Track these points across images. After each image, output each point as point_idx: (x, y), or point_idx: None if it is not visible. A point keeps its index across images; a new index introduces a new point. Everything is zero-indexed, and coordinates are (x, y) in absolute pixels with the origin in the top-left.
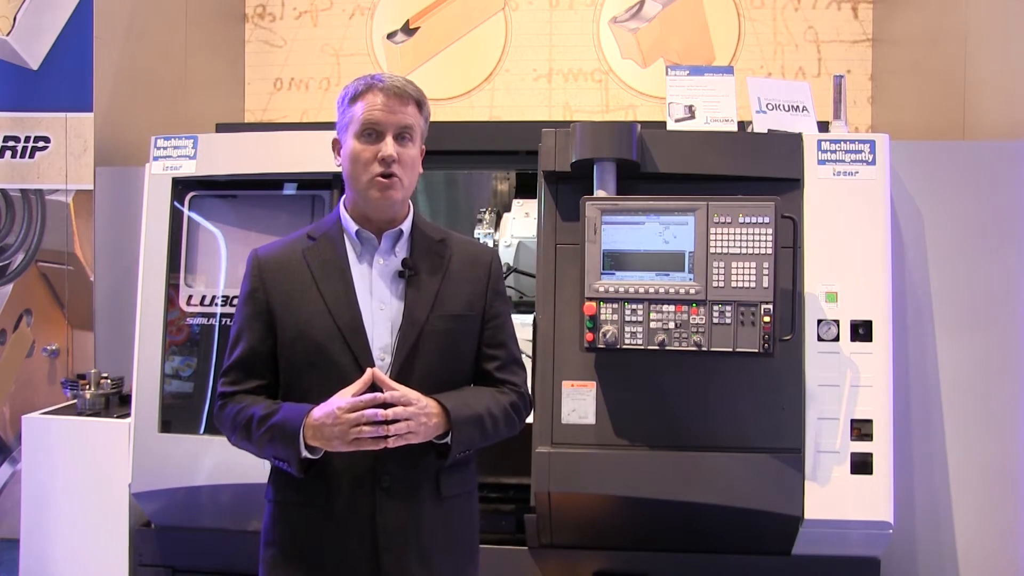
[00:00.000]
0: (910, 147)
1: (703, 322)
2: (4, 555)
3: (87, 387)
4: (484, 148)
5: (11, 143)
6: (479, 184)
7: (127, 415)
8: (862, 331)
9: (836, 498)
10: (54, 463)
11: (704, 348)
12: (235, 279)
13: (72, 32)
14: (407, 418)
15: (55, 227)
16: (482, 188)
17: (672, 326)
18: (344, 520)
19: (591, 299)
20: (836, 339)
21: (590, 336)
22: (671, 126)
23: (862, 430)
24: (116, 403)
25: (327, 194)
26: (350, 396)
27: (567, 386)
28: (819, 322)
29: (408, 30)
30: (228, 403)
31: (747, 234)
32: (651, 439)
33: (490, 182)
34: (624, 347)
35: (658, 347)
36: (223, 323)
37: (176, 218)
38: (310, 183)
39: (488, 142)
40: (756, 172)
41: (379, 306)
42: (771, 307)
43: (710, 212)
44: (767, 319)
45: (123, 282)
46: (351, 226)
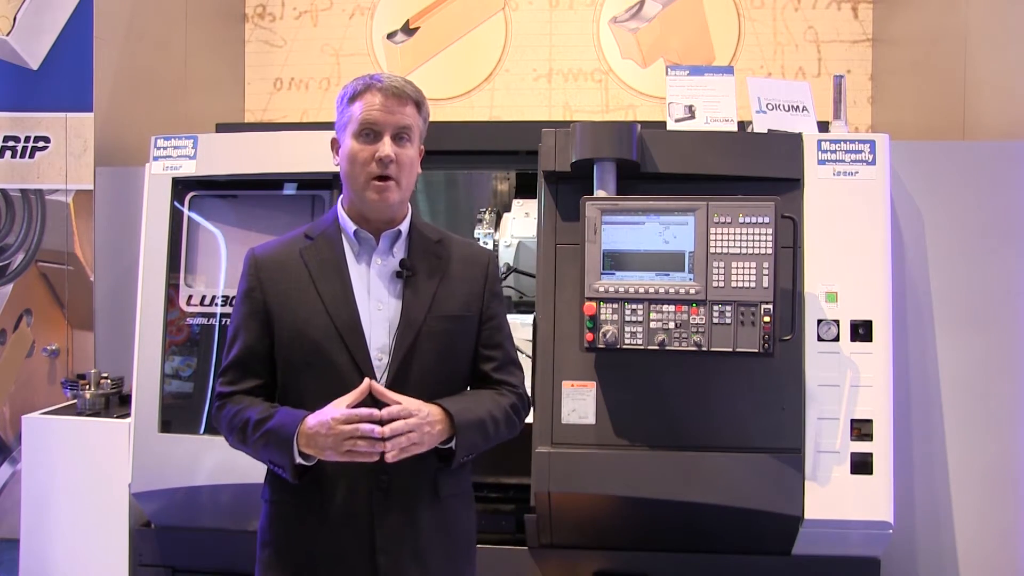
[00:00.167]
0: (910, 147)
1: (703, 322)
2: (4, 555)
3: (87, 387)
4: (484, 148)
5: (11, 143)
6: (479, 184)
7: (127, 415)
8: (862, 331)
9: (836, 498)
10: (54, 463)
11: (704, 348)
12: (235, 279)
13: (72, 32)
14: (409, 430)
15: (55, 227)
16: (482, 188)
17: (672, 326)
18: (340, 521)
19: (591, 299)
20: (836, 339)
21: (590, 336)
22: (671, 126)
23: (862, 430)
24: (116, 403)
25: (327, 194)
26: (345, 406)
27: (567, 386)
28: (819, 322)
29: (408, 30)
30: (226, 404)
31: (747, 234)
32: (651, 439)
33: (490, 182)
34: (624, 347)
35: (658, 347)
36: (223, 323)
37: (176, 218)
38: (310, 183)
39: (488, 142)
40: (756, 172)
41: (377, 306)
42: (771, 307)
43: (710, 212)
44: (767, 319)
45: (123, 282)
46: (349, 226)
